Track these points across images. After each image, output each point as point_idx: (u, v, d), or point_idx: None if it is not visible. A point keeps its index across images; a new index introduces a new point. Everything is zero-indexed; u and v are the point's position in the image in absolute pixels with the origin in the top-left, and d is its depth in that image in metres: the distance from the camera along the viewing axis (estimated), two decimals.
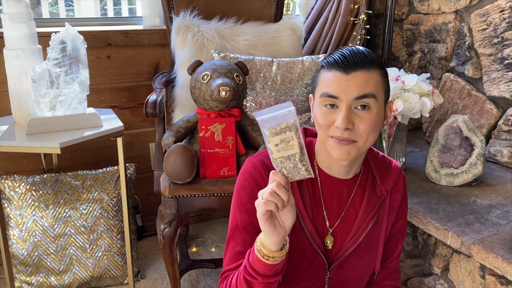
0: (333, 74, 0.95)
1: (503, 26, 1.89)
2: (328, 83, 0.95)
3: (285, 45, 1.99)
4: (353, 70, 0.93)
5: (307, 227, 1.03)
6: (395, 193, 1.09)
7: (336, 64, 0.95)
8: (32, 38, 1.67)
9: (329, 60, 0.97)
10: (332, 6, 2.36)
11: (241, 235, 1.02)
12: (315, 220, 1.04)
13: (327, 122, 0.95)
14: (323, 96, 0.95)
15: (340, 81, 0.94)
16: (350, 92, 0.93)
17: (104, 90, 2.14)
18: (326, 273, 1.06)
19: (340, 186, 1.05)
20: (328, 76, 0.96)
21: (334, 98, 0.94)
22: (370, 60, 0.95)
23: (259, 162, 1.03)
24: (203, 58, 1.81)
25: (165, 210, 1.55)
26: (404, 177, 1.12)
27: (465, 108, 2.09)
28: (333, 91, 0.94)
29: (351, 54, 0.95)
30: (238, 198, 1.04)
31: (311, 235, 1.03)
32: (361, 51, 0.96)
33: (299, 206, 1.02)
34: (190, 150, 1.49)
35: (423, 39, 2.30)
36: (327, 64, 0.97)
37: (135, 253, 1.96)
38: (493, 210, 1.56)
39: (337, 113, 0.94)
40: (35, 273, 1.83)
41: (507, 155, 1.92)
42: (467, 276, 1.49)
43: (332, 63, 0.96)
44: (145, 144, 2.28)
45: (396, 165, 1.11)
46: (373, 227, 1.06)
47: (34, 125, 1.60)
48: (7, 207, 1.79)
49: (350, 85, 0.93)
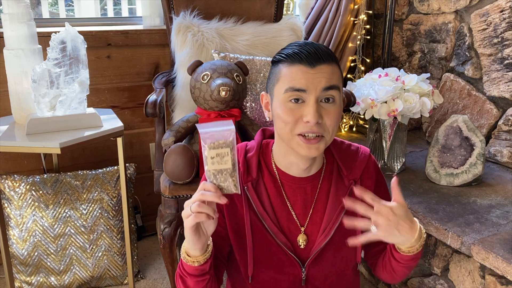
0: (298, 68, 0.93)
1: (503, 26, 1.89)
2: (294, 77, 0.93)
3: (285, 45, 1.99)
4: (317, 63, 0.93)
5: (269, 227, 1.03)
6: (366, 179, 1.07)
7: (300, 59, 0.93)
8: (32, 38, 1.67)
9: (288, 54, 0.95)
10: (332, 6, 2.36)
11: None
12: (280, 219, 1.04)
13: (294, 118, 0.94)
14: (289, 91, 0.93)
15: (306, 74, 0.93)
16: (318, 84, 0.92)
17: (104, 90, 2.14)
18: (302, 270, 1.06)
19: (303, 184, 1.04)
20: (292, 71, 0.94)
21: (302, 92, 0.93)
22: (330, 54, 0.95)
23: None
24: (203, 58, 1.81)
25: (165, 210, 1.55)
26: (374, 162, 1.10)
27: (465, 108, 2.09)
28: (300, 85, 0.92)
29: (313, 49, 0.94)
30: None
31: (275, 235, 1.03)
32: (320, 45, 0.95)
33: (258, 207, 1.03)
34: (190, 150, 1.49)
35: (423, 39, 2.30)
36: (287, 59, 0.95)
37: (135, 253, 1.96)
38: (493, 210, 1.56)
39: (304, 107, 0.93)
40: (35, 273, 1.83)
41: (507, 155, 1.92)
42: (467, 276, 1.49)
43: (295, 57, 0.94)
44: (145, 144, 2.28)
45: (364, 151, 1.10)
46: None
47: (34, 125, 1.60)
48: (7, 207, 1.79)
49: (317, 77, 0.92)
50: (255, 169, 1.04)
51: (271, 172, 1.05)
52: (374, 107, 1.72)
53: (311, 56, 0.93)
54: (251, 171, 1.04)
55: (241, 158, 1.04)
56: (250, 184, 1.03)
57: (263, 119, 1.79)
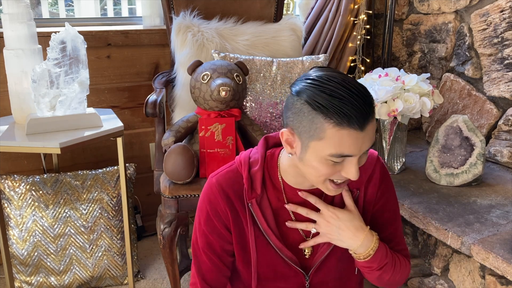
0: (348, 133, 0.83)
1: (503, 26, 1.89)
2: (343, 143, 0.84)
3: (285, 45, 1.99)
4: (367, 124, 0.84)
5: (273, 242, 1.02)
6: (371, 187, 1.05)
7: (351, 122, 0.82)
8: (32, 38, 1.67)
9: (338, 113, 0.82)
10: (332, 6, 2.36)
11: (200, 255, 1.06)
12: (285, 232, 1.03)
13: (332, 172, 0.90)
14: (335, 156, 0.86)
15: (357, 140, 0.84)
16: (363, 147, 0.87)
17: (104, 90, 2.14)
18: (306, 279, 1.06)
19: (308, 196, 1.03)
20: (341, 136, 0.83)
21: (348, 156, 0.87)
22: (373, 103, 0.86)
23: (216, 184, 1.01)
24: (203, 58, 1.81)
25: (165, 210, 1.55)
26: (381, 166, 1.07)
27: (465, 108, 2.09)
28: (349, 151, 0.85)
29: (363, 106, 0.83)
30: (197, 219, 1.06)
31: (279, 250, 1.02)
32: (368, 95, 0.86)
33: (262, 224, 1.01)
34: (190, 150, 1.49)
35: (423, 39, 2.30)
36: (335, 118, 0.82)
37: (135, 253, 1.96)
38: (493, 210, 1.56)
39: (345, 164, 0.88)
40: (35, 273, 1.83)
41: (507, 155, 1.92)
42: (467, 276, 1.49)
43: (345, 120, 0.82)
44: (145, 144, 2.28)
45: (371, 156, 1.05)
46: None
47: (34, 125, 1.60)
48: (7, 207, 1.79)
49: (366, 140, 0.86)
50: (260, 185, 1.01)
51: (275, 185, 1.03)
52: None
53: (363, 117, 0.83)
54: (255, 187, 1.01)
55: (245, 173, 1.01)
56: (254, 201, 1.01)
57: (263, 119, 1.79)
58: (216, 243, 1.03)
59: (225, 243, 1.03)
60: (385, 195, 1.08)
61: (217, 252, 1.04)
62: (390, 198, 1.10)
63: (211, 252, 1.04)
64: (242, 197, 1.01)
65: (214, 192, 1.01)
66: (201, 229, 1.04)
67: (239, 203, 1.01)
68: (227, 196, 1.01)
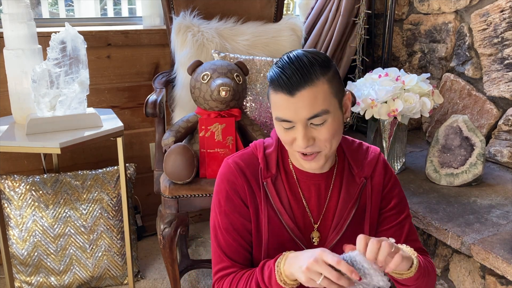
0: (280, 97, 0.93)
1: (503, 26, 1.89)
2: (278, 107, 0.94)
3: (285, 45, 1.99)
4: (297, 90, 0.90)
5: (286, 222, 1.04)
6: (376, 176, 1.09)
7: (280, 86, 0.92)
8: (32, 38, 1.67)
9: (271, 78, 0.94)
10: (332, 6, 2.36)
11: (223, 236, 1.06)
12: (296, 215, 1.06)
13: (289, 139, 0.96)
14: (278, 120, 0.95)
15: (288, 104, 0.92)
16: (301, 114, 0.92)
17: (104, 90, 2.14)
18: None
19: (318, 181, 1.06)
20: (276, 100, 0.94)
21: (288, 122, 0.94)
22: (312, 71, 0.91)
23: (232, 163, 1.06)
24: (203, 58, 1.81)
25: (165, 210, 1.55)
26: (384, 160, 1.11)
27: (465, 108, 2.09)
28: (284, 116, 0.93)
29: (294, 72, 0.90)
30: (217, 201, 1.07)
31: (291, 230, 1.04)
32: (303, 63, 0.91)
33: (276, 202, 1.04)
34: (190, 150, 1.49)
35: (423, 39, 2.30)
36: (271, 84, 0.95)
37: (135, 253, 1.96)
38: (493, 210, 1.56)
39: (295, 131, 0.94)
40: (35, 273, 1.83)
41: (507, 155, 1.92)
42: (467, 276, 1.49)
43: (276, 84, 0.93)
44: (145, 144, 2.28)
45: (374, 150, 1.11)
46: (356, 215, 1.06)
47: (34, 125, 1.60)
48: (7, 207, 1.79)
49: (299, 106, 0.91)
50: (275, 165, 1.05)
51: (286, 169, 1.07)
52: (374, 107, 1.72)
53: (290, 82, 0.91)
54: (270, 167, 1.05)
55: (260, 154, 1.06)
56: (269, 180, 1.05)
57: (263, 119, 1.79)
58: (238, 222, 1.05)
59: (245, 221, 1.05)
60: (391, 180, 1.11)
61: (240, 230, 1.05)
62: (396, 185, 1.12)
63: (235, 232, 1.05)
64: (258, 178, 1.05)
65: (232, 170, 1.05)
66: (221, 210, 1.05)
67: (255, 183, 1.05)
68: (244, 174, 1.05)
